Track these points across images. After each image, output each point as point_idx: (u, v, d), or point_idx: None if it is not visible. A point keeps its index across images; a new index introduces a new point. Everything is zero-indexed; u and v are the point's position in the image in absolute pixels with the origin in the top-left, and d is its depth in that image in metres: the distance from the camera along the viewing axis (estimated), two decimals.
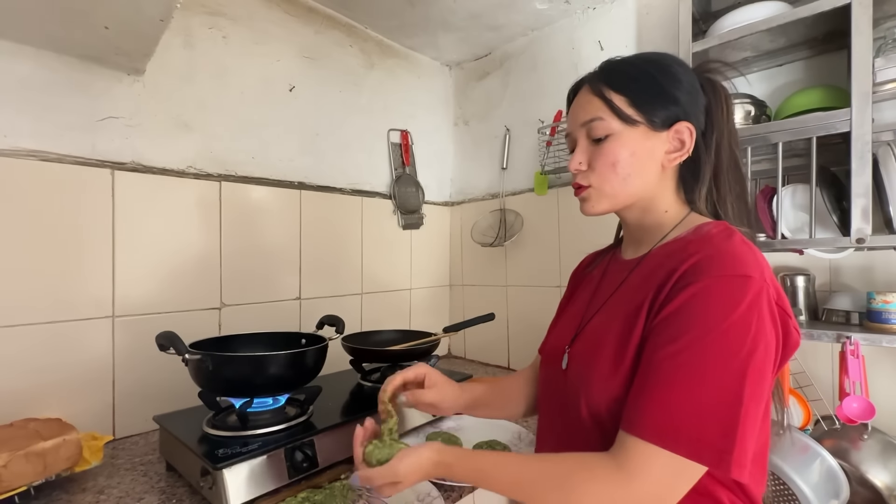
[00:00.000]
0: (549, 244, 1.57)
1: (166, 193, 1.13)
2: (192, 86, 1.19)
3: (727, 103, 0.63)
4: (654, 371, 0.50)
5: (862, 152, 0.87)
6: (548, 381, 0.70)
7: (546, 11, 1.51)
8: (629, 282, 0.62)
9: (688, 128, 0.60)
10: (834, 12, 0.91)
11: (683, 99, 0.60)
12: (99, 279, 1.04)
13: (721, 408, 0.46)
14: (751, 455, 0.48)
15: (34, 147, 0.96)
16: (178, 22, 1.15)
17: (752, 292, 0.48)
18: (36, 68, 0.96)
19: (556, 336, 0.72)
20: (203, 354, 0.81)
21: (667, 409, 0.47)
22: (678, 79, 0.60)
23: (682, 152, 0.61)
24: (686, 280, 0.51)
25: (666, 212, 0.63)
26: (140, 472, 0.88)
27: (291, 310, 1.39)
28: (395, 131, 1.71)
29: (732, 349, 0.47)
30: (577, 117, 0.64)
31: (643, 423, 0.48)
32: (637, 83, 0.60)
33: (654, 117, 0.59)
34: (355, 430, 0.66)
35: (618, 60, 0.64)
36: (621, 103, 0.60)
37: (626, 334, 0.55)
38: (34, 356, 0.95)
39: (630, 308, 0.57)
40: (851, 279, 1.07)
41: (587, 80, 0.64)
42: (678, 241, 0.59)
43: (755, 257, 0.52)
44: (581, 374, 0.59)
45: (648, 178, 0.61)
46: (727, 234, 0.56)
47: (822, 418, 0.98)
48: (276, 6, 1.36)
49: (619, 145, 0.60)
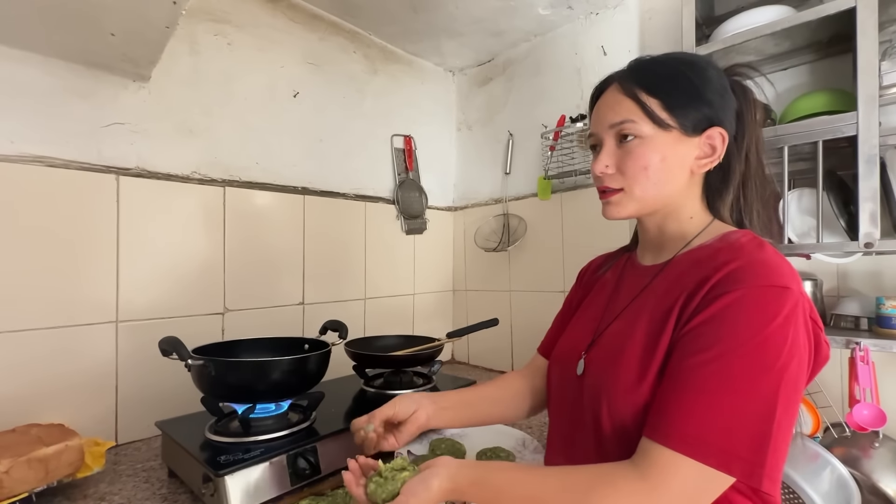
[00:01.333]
0: (552, 249, 1.56)
1: (171, 199, 1.14)
2: (197, 92, 1.20)
3: (756, 107, 0.62)
4: (683, 378, 0.48)
5: (869, 156, 0.86)
6: (560, 386, 0.68)
7: (549, 17, 1.52)
8: (653, 288, 0.60)
9: (720, 133, 0.58)
10: (839, 15, 0.90)
11: (717, 103, 0.58)
12: (103, 284, 1.04)
13: (754, 419, 0.45)
14: (781, 468, 0.47)
15: (40, 153, 0.97)
16: (184, 29, 1.16)
17: (789, 304, 0.47)
18: (43, 75, 0.97)
19: (569, 340, 0.70)
20: (206, 360, 0.81)
21: (696, 418, 0.46)
22: (713, 82, 0.58)
23: (712, 158, 0.59)
24: (722, 289, 0.49)
25: (691, 218, 0.61)
26: (142, 478, 0.88)
27: (295, 315, 1.38)
28: (399, 136, 1.71)
29: (768, 361, 0.46)
30: (604, 118, 0.61)
31: (670, 430, 0.46)
32: (671, 85, 0.58)
33: (687, 121, 0.57)
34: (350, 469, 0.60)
35: (648, 59, 0.62)
36: (655, 106, 0.57)
37: (652, 342, 0.53)
38: (38, 361, 0.95)
39: (656, 315, 0.55)
40: (860, 284, 1.06)
41: (616, 79, 0.61)
42: (705, 249, 0.57)
43: (790, 268, 0.51)
44: (602, 382, 0.57)
45: (677, 183, 0.59)
46: (757, 243, 0.54)
47: (832, 426, 0.96)
48: (281, 13, 1.37)
49: (649, 150, 0.57)
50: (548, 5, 1.45)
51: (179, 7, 0.82)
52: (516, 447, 0.98)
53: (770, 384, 0.46)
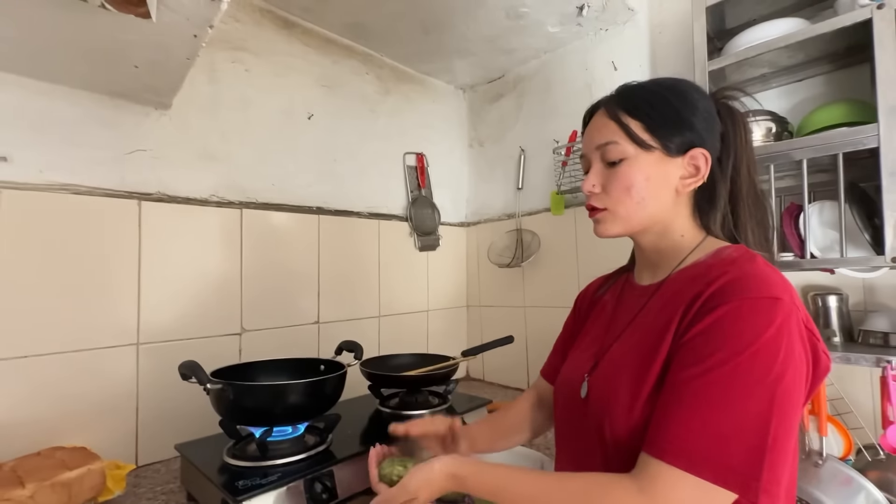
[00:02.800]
0: (566, 264, 1.55)
1: (190, 221, 1.17)
2: (216, 118, 1.23)
3: (745, 129, 0.63)
4: (679, 392, 0.49)
5: (892, 168, 0.84)
6: (566, 410, 0.68)
7: (558, 34, 1.53)
8: (649, 308, 0.61)
9: (703, 154, 0.60)
10: (854, 27, 0.89)
11: (699, 125, 0.60)
12: (125, 307, 1.06)
13: (748, 432, 0.45)
14: (784, 484, 0.46)
15: (67, 181, 1.00)
16: (203, 58, 1.19)
17: (781, 314, 0.48)
18: (69, 106, 1.01)
19: (572, 365, 0.70)
20: (224, 384, 0.81)
21: (692, 432, 0.46)
22: (695, 105, 0.61)
23: (696, 178, 0.61)
24: (714, 302, 0.50)
25: (682, 236, 0.63)
26: (161, 501, 0.88)
27: (310, 334, 1.39)
28: (411, 154, 1.73)
29: (761, 372, 0.46)
30: (592, 140, 0.64)
31: (667, 445, 0.47)
32: (653, 108, 0.60)
33: (670, 143, 0.60)
34: (369, 453, 0.72)
35: (634, 85, 0.65)
36: (637, 128, 0.60)
37: (647, 360, 0.54)
38: (61, 384, 0.97)
39: (652, 334, 0.56)
40: (888, 298, 1.02)
41: (603, 104, 0.65)
42: (698, 266, 0.59)
43: (782, 280, 0.52)
44: (603, 404, 0.58)
45: (663, 202, 0.61)
46: (749, 257, 0.55)
47: (865, 448, 0.92)
48: (296, 39, 1.41)
49: (633, 170, 0.60)
50: (557, 23, 1.47)
51: (200, 40, 0.85)
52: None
53: (764, 396, 0.45)
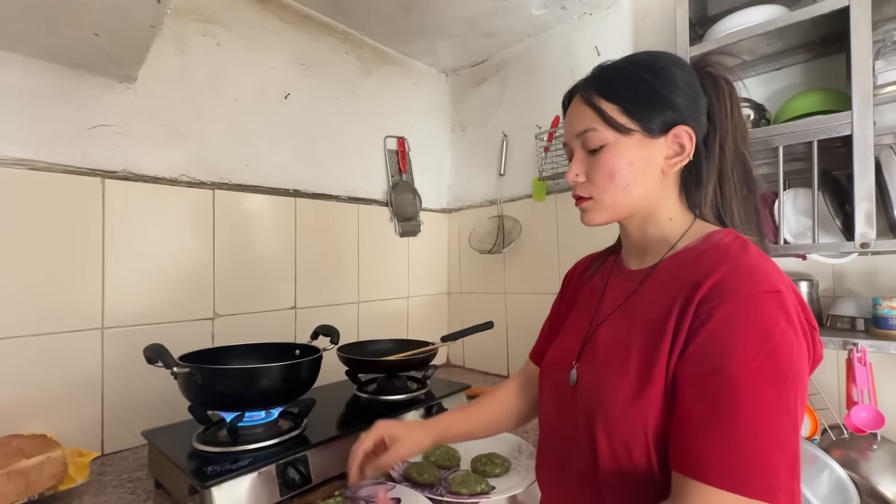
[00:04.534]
0: (547, 250, 1.55)
1: (158, 202, 1.12)
2: (186, 93, 1.17)
3: (731, 99, 0.60)
4: (704, 404, 0.46)
5: (864, 156, 0.86)
6: (553, 397, 0.66)
7: (542, 17, 1.51)
8: (641, 294, 0.59)
9: (686, 131, 0.57)
10: (832, 15, 0.90)
11: (680, 102, 0.57)
12: (88, 290, 1.01)
13: (782, 439, 0.43)
14: None
15: (23, 156, 0.94)
16: (171, 29, 1.14)
17: (784, 307, 0.46)
18: (25, 76, 0.95)
19: (560, 348, 0.68)
20: (192, 367, 0.79)
21: (732, 448, 0.43)
22: (674, 82, 0.57)
23: (682, 157, 0.58)
24: (715, 300, 0.48)
25: (670, 220, 0.61)
26: (128, 489, 0.85)
27: (286, 319, 1.36)
28: (392, 138, 1.70)
29: (782, 371, 0.44)
30: (571, 128, 0.62)
31: (708, 465, 0.43)
32: (629, 89, 0.58)
33: (650, 124, 0.57)
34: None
35: (608, 66, 0.61)
36: (613, 112, 0.57)
37: (648, 356, 0.52)
38: (21, 370, 0.93)
39: (650, 326, 0.53)
40: (856, 284, 1.05)
41: (578, 89, 0.62)
42: (689, 251, 0.57)
43: (777, 269, 0.50)
44: (596, 396, 0.55)
45: (649, 186, 0.59)
46: (741, 243, 0.53)
47: (830, 428, 0.95)
48: (271, 13, 1.35)
49: (615, 156, 0.57)
50: (541, 6, 1.45)
51: (164, 6, 0.80)
52: (512, 453, 0.97)
53: (789, 396, 0.44)
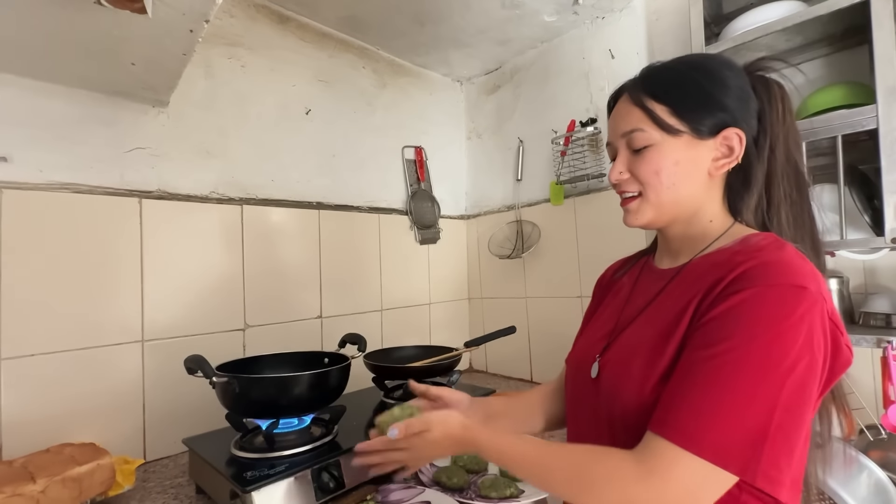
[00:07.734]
0: (567, 254, 1.55)
1: (191, 219, 1.17)
2: (213, 114, 1.23)
3: (783, 104, 0.59)
4: (688, 372, 0.49)
5: (891, 149, 0.84)
6: (576, 390, 0.67)
7: (555, 23, 1.52)
8: (668, 292, 0.60)
9: (737, 133, 0.57)
10: (852, 8, 0.89)
11: (732, 104, 0.57)
12: (129, 304, 1.07)
13: (752, 417, 0.45)
14: (790, 471, 0.46)
15: (67, 180, 1.00)
16: (199, 54, 1.19)
17: (805, 304, 0.46)
18: (68, 105, 1.01)
19: (583, 344, 0.69)
20: (230, 377, 0.82)
21: (696, 412, 0.46)
22: (725, 83, 0.57)
23: (730, 159, 0.58)
24: (736, 286, 0.49)
25: (711, 221, 0.60)
26: (171, 494, 0.89)
27: (313, 328, 1.40)
28: (409, 148, 1.73)
29: (776, 359, 0.45)
30: (616, 127, 0.62)
31: (671, 424, 0.47)
32: (680, 90, 0.57)
33: (700, 125, 0.56)
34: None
35: (658, 66, 0.62)
36: (663, 113, 0.57)
37: (663, 342, 0.53)
38: (68, 382, 0.98)
39: (669, 317, 0.55)
40: (888, 280, 1.03)
41: (626, 88, 0.62)
42: (723, 252, 0.56)
43: (812, 269, 0.50)
44: (615, 385, 0.57)
45: (695, 186, 0.58)
46: (778, 245, 0.53)
47: (867, 428, 0.93)
48: (291, 33, 1.40)
49: (661, 155, 0.57)
50: (553, 12, 1.46)
51: (196, 35, 0.85)
52: None
53: (774, 383, 0.45)
